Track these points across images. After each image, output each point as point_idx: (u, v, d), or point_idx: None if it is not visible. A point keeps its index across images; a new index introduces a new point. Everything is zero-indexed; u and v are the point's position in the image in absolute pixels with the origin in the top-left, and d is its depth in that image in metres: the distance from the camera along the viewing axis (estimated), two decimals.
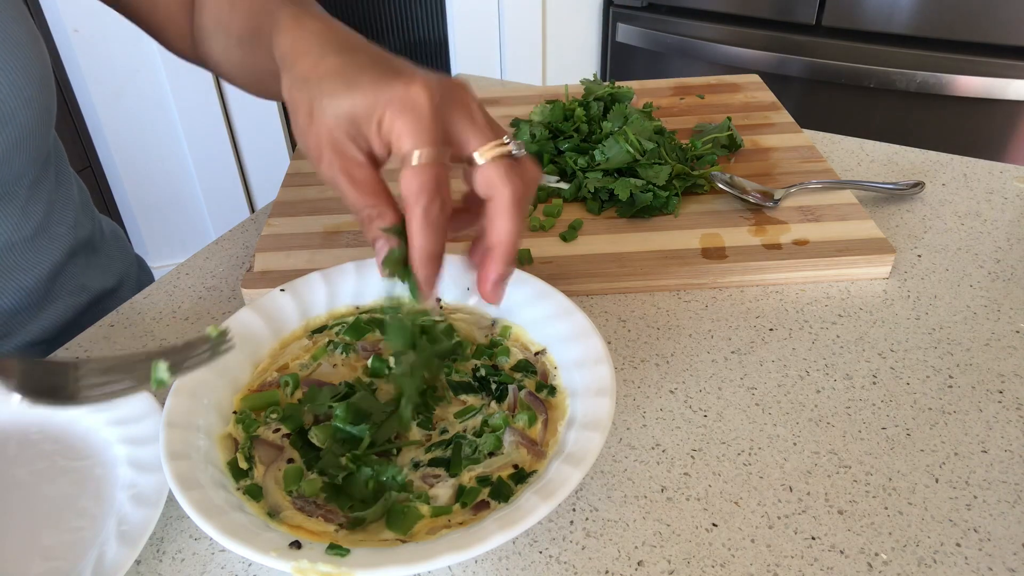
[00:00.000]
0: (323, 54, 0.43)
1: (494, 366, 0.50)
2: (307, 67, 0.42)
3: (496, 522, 0.38)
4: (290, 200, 0.73)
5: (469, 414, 0.47)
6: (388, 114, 0.40)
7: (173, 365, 0.40)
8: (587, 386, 0.46)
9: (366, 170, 0.42)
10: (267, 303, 0.53)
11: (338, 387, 0.49)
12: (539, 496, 0.39)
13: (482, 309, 0.55)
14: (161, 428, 0.43)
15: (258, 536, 0.38)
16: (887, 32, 1.50)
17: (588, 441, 0.42)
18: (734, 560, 0.42)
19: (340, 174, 0.42)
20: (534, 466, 0.44)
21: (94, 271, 0.72)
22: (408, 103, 0.39)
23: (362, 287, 0.55)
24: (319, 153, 0.42)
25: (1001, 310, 0.60)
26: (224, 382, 0.48)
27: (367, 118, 0.40)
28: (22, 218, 0.62)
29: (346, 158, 0.42)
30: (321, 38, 0.44)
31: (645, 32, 1.77)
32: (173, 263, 0.71)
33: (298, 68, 0.43)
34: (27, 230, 0.63)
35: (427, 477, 0.44)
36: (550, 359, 0.50)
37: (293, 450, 0.45)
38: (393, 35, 1.95)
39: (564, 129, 0.77)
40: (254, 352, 0.51)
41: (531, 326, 0.52)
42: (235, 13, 0.58)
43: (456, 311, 0.55)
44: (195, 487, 0.40)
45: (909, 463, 0.47)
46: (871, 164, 0.80)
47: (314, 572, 0.36)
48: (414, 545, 0.39)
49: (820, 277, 0.63)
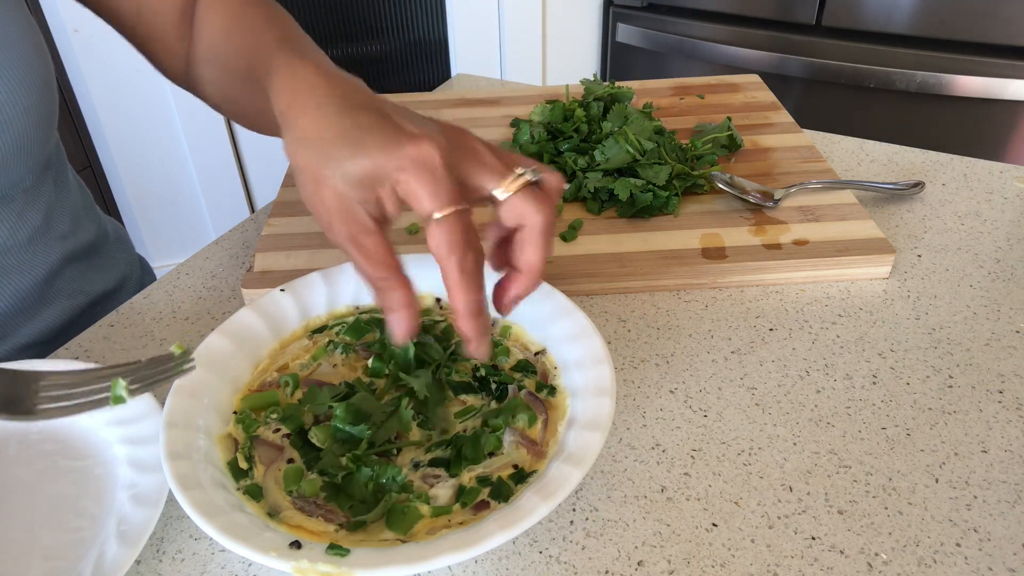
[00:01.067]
0: (325, 114, 0.41)
1: (494, 366, 0.50)
2: (309, 128, 0.41)
3: (496, 522, 0.38)
4: (290, 200, 0.73)
5: (469, 414, 0.47)
6: (403, 178, 0.39)
7: (134, 382, 0.40)
8: (587, 386, 0.46)
9: (376, 237, 0.41)
10: (267, 303, 0.53)
11: (338, 387, 0.49)
12: (539, 496, 0.39)
13: None
14: (161, 428, 0.43)
15: (258, 536, 0.38)
16: (887, 32, 1.50)
17: (588, 441, 0.42)
18: (734, 560, 0.42)
19: (350, 243, 0.41)
20: (534, 466, 0.44)
21: (95, 273, 0.72)
22: (421, 164, 0.39)
23: (362, 287, 0.55)
24: (328, 219, 0.41)
25: (1001, 310, 0.60)
26: (224, 382, 0.48)
27: (380, 182, 0.40)
28: (18, 222, 0.62)
29: (356, 224, 0.41)
30: (319, 92, 0.42)
31: (645, 32, 1.77)
32: (173, 263, 0.71)
33: (299, 128, 0.42)
34: (23, 234, 0.62)
35: (427, 477, 0.44)
36: (550, 359, 0.50)
37: (293, 450, 0.45)
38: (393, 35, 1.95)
39: (564, 129, 0.77)
40: (254, 352, 0.51)
41: (531, 326, 0.52)
42: (230, 45, 0.57)
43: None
44: (195, 487, 0.40)
45: (909, 463, 0.47)
46: (871, 164, 0.80)
47: (314, 572, 0.36)
48: (414, 545, 0.39)
49: (820, 277, 0.63)
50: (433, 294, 0.56)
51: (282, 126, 0.43)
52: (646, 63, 1.83)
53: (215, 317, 0.62)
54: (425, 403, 0.48)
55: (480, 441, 0.45)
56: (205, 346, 0.49)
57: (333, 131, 0.41)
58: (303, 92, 0.43)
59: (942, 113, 1.51)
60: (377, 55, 1.94)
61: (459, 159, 0.42)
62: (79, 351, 0.59)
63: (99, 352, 0.59)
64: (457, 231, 0.40)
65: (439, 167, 0.40)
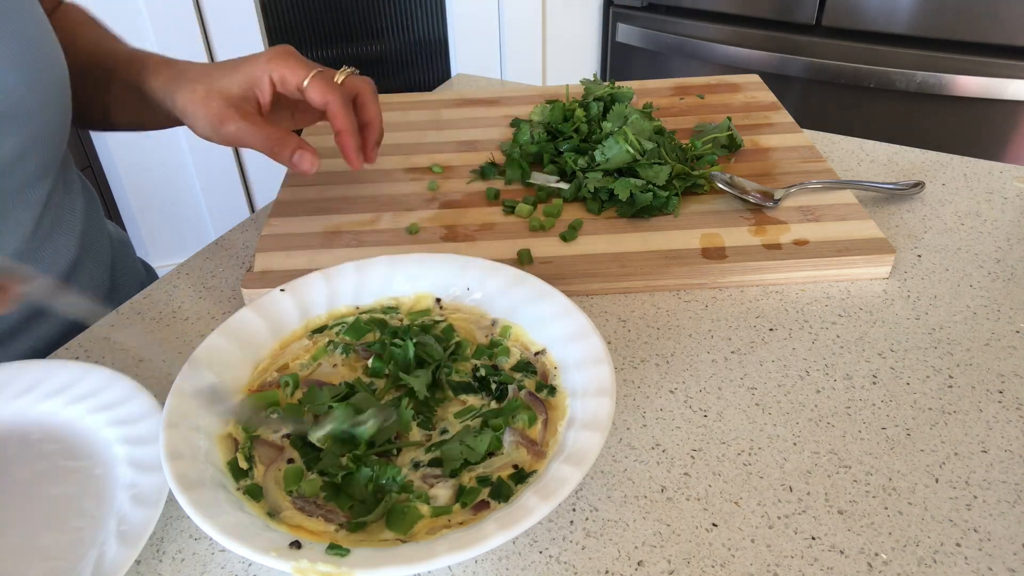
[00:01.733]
0: (202, 65, 0.62)
1: (494, 366, 0.50)
2: (196, 72, 0.61)
3: (496, 522, 0.38)
4: (290, 200, 0.73)
5: (469, 414, 0.47)
6: (273, 67, 0.59)
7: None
8: (587, 386, 0.46)
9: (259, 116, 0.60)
10: (267, 303, 0.53)
11: (338, 387, 0.49)
12: (539, 496, 0.39)
13: (482, 309, 0.55)
14: (161, 428, 0.43)
15: (258, 536, 0.38)
16: (887, 32, 1.50)
17: (588, 441, 0.42)
18: (734, 560, 0.42)
19: (245, 123, 0.58)
20: (534, 466, 0.44)
21: (100, 278, 0.72)
22: (281, 56, 0.60)
23: (362, 287, 0.55)
24: (221, 116, 0.58)
25: (1001, 310, 0.60)
26: (224, 382, 0.48)
27: (256, 83, 0.60)
28: (34, 226, 0.63)
29: (246, 112, 0.59)
30: (187, 62, 0.63)
31: (645, 32, 1.77)
32: (173, 263, 0.71)
33: (190, 76, 0.60)
34: (37, 238, 0.63)
35: (427, 477, 0.44)
36: (550, 359, 0.50)
37: (293, 450, 0.45)
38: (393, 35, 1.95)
39: (564, 130, 0.77)
40: (254, 352, 0.51)
41: (531, 326, 0.52)
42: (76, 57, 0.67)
43: (456, 311, 0.55)
44: (195, 487, 0.40)
45: (909, 463, 0.47)
46: (871, 164, 0.80)
47: (314, 572, 0.36)
48: (414, 545, 0.39)
49: (820, 277, 0.63)
50: (433, 294, 0.56)
51: (175, 88, 0.61)
52: (646, 63, 1.83)
53: (215, 317, 0.62)
54: (425, 403, 0.48)
55: (476, 440, 0.45)
56: (206, 346, 0.49)
57: (210, 69, 0.61)
58: (179, 63, 0.64)
59: (942, 113, 1.51)
60: (377, 55, 1.94)
61: None
62: (79, 351, 0.59)
63: (99, 352, 0.59)
64: (325, 81, 0.60)
65: (293, 52, 0.60)
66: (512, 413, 0.46)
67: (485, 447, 0.45)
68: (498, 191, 0.72)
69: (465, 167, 0.77)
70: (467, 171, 0.77)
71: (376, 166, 0.78)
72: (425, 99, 0.93)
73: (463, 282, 0.55)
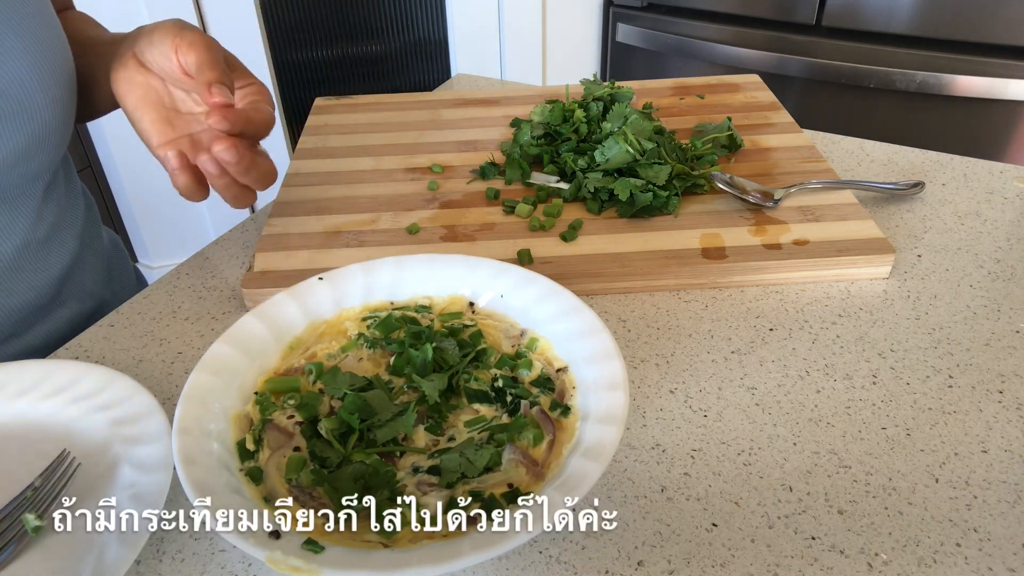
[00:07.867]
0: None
1: (513, 378, 0.50)
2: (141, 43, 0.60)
3: (472, 542, 0.37)
4: (290, 200, 0.73)
5: (478, 425, 0.47)
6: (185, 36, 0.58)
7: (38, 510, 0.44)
8: (599, 412, 0.44)
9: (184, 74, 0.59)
10: (304, 289, 0.54)
11: (358, 378, 0.49)
12: (519, 519, 0.38)
13: (512, 318, 0.54)
14: (180, 403, 0.44)
15: (242, 520, 0.38)
16: (887, 32, 1.50)
17: (586, 469, 0.40)
18: (734, 560, 0.42)
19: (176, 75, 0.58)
20: (530, 487, 0.42)
21: (100, 277, 0.73)
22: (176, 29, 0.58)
23: (399, 283, 0.56)
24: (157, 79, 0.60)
25: (1001, 310, 0.60)
26: (252, 364, 0.49)
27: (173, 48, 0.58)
28: (37, 219, 0.63)
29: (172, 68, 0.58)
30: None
31: (645, 32, 1.77)
32: (173, 263, 0.71)
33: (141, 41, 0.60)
34: (41, 232, 0.64)
35: (422, 484, 0.43)
36: (571, 378, 0.49)
37: (302, 439, 0.45)
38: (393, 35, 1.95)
39: (563, 131, 0.77)
40: (284, 337, 0.52)
41: (558, 340, 0.51)
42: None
43: (488, 316, 0.54)
44: (195, 463, 0.40)
45: (909, 463, 0.47)
46: (871, 164, 0.80)
47: (285, 564, 0.36)
48: (388, 553, 0.38)
49: (820, 277, 0.63)
50: (467, 298, 0.55)
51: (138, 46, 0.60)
52: (646, 63, 1.83)
53: (215, 317, 0.62)
54: (437, 408, 0.47)
55: (477, 454, 0.44)
56: (240, 325, 0.50)
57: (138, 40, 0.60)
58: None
59: (942, 113, 1.51)
60: (377, 55, 1.94)
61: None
62: (79, 351, 0.59)
63: (99, 352, 0.59)
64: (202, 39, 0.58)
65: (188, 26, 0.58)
66: (519, 430, 0.45)
67: (484, 462, 0.43)
68: (498, 191, 0.72)
69: (465, 167, 0.77)
70: (467, 171, 0.77)
71: (376, 166, 0.78)
72: (425, 99, 0.93)
73: (498, 288, 0.55)
